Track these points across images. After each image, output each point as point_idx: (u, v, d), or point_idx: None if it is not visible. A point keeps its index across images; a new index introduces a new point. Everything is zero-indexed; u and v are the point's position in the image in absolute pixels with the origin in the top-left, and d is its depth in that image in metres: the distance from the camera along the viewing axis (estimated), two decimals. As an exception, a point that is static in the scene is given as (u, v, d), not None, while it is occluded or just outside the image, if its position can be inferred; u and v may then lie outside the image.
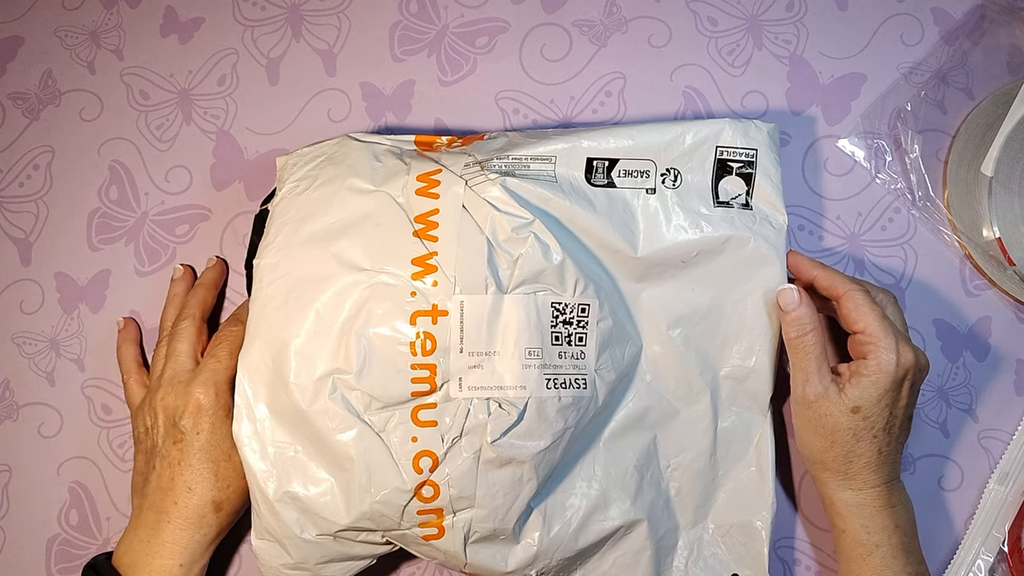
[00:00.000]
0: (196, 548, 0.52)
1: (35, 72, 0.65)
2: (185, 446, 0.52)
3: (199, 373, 0.53)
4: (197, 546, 0.52)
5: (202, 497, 0.51)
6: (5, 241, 0.63)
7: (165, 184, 0.62)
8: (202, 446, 0.52)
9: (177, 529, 0.51)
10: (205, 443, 0.52)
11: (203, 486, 0.51)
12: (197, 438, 0.51)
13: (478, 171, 0.51)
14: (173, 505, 0.51)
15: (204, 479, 0.51)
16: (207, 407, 0.52)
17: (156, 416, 0.53)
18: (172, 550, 0.51)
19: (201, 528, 0.52)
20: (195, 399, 0.52)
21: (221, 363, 0.53)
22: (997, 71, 0.60)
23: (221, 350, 0.53)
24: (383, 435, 0.49)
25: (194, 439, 0.51)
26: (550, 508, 0.51)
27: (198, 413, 0.52)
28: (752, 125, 0.53)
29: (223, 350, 0.53)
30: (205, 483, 0.51)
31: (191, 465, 0.51)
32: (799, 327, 0.50)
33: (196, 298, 0.57)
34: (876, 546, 0.49)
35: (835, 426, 0.49)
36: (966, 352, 0.58)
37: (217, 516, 0.52)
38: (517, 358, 0.49)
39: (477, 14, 0.63)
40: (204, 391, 0.52)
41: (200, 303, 0.57)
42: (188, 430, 0.51)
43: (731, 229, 0.52)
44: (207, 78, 0.63)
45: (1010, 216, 0.56)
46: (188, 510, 0.51)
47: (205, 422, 0.52)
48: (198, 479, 0.51)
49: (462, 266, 0.49)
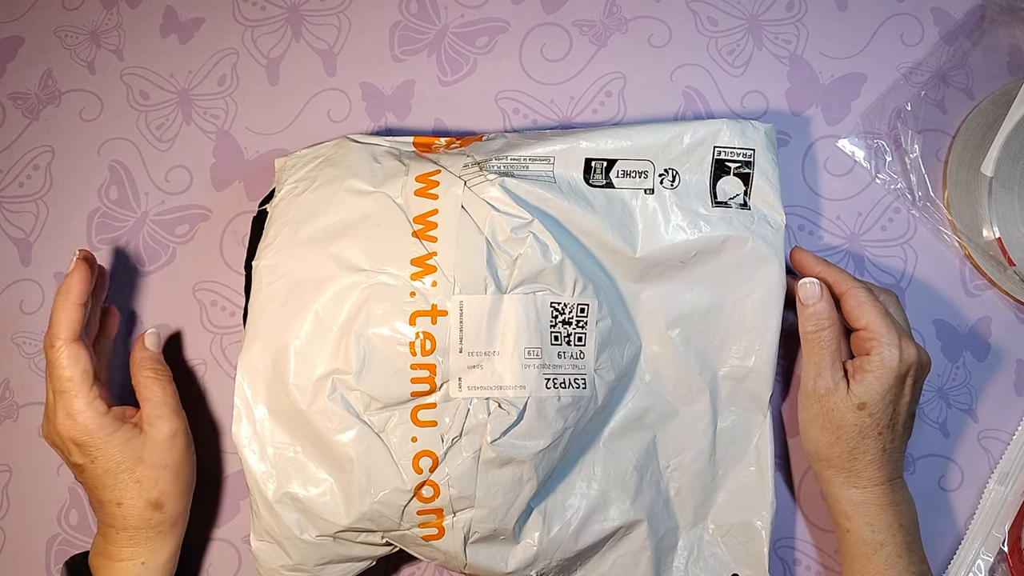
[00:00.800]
0: (153, 544, 0.52)
1: (35, 72, 0.65)
2: (90, 474, 0.51)
3: (56, 411, 0.50)
4: (154, 541, 0.52)
5: (135, 506, 0.51)
6: (5, 241, 0.63)
7: (165, 184, 0.62)
8: (105, 469, 0.50)
9: (128, 537, 0.51)
10: (107, 465, 0.50)
11: (129, 496, 0.51)
12: (95, 465, 0.50)
13: (477, 172, 0.51)
14: (112, 518, 0.51)
15: (126, 490, 0.51)
16: (81, 439, 0.50)
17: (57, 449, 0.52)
18: (129, 552, 0.51)
19: (151, 527, 0.51)
20: (68, 437, 0.50)
21: (67, 392, 0.49)
22: (997, 71, 0.60)
23: (56, 381, 0.49)
24: (383, 435, 0.49)
25: (93, 467, 0.50)
26: (550, 508, 0.51)
27: (80, 447, 0.50)
28: (749, 125, 0.53)
29: (59, 379, 0.49)
30: (129, 492, 0.51)
31: (106, 485, 0.51)
32: (817, 322, 0.50)
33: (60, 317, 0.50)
34: (881, 545, 0.49)
35: (841, 422, 0.49)
36: (966, 352, 0.58)
37: (161, 512, 0.52)
38: (516, 358, 0.49)
39: (477, 14, 0.63)
40: (71, 428, 0.50)
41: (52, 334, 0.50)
42: (84, 463, 0.50)
43: (729, 229, 0.52)
44: (207, 78, 0.63)
45: (1010, 216, 0.56)
46: (129, 519, 0.51)
47: (92, 451, 0.50)
48: (120, 493, 0.51)
49: (461, 266, 0.49)
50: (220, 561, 0.58)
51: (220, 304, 0.61)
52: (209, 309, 0.61)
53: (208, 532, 0.59)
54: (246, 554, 0.59)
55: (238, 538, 0.59)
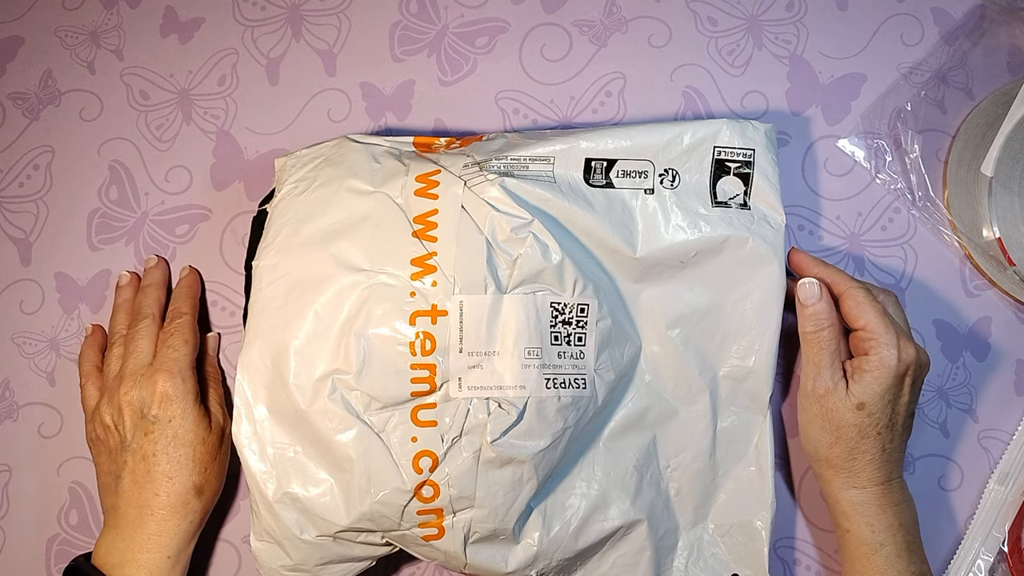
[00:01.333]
0: (182, 537, 0.52)
1: (35, 72, 0.65)
2: (158, 436, 0.51)
3: (160, 364, 0.53)
4: (183, 534, 0.52)
5: (183, 483, 0.52)
6: (5, 241, 0.63)
7: (165, 184, 0.62)
8: (175, 433, 0.52)
9: (161, 520, 0.51)
10: (178, 429, 0.52)
11: (182, 472, 0.52)
12: (169, 426, 0.51)
13: (477, 172, 0.51)
14: (155, 497, 0.51)
15: (182, 465, 0.52)
16: (174, 394, 0.52)
17: (121, 412, 0.52)
18: (158, 543, 0.51)
19: (186, 515, 0.52)
20: (161, 388, 0.52)
21: (178, 351, 0.53)
22: (997, 71, 0.60)
23: (175, 339, 0.54)
24: (383, 435, 0.49)
25: (166, 427, 0.51)
26: (550, 508, 0.51)
27: (166, 401, 0.52)
28: (749, 125, 0.53)
29: (177, 339, 0.54)
30: (184, 469, 0.52)
31: (167, 454, 0.51)
32: (816, 322, 0.50)
33: (150, 297, 0.57)
34: (881, 545, 0.49)
35: (840, 421, 0.49)
36: (966, 352, 0.58)
37: (200, 500, 0.53)
38: (516, 358, 0.49)
39: (477, 14, 0.63)
40: (169, 379, 0.52)
41: (156, 302, 0.57)
42: (159, 419, 0.51)
43: (729, 229, 0.52)
44: (207, 78, 0.63)
45: (1010, 216, 0.56)
46: (171, 499, 0.51)
47: (175, 408, 0.52)
48: (176, 467, 0.51)
49: (461, 266, 0.49)
50: (220, 561, 0.58)
51: (220, 304, 0.61)
52: (209, 309, 0.61)
53: (208, 532, 0.59)
54: (246, 554, 0.59)
55: (238, 538, 0.59)
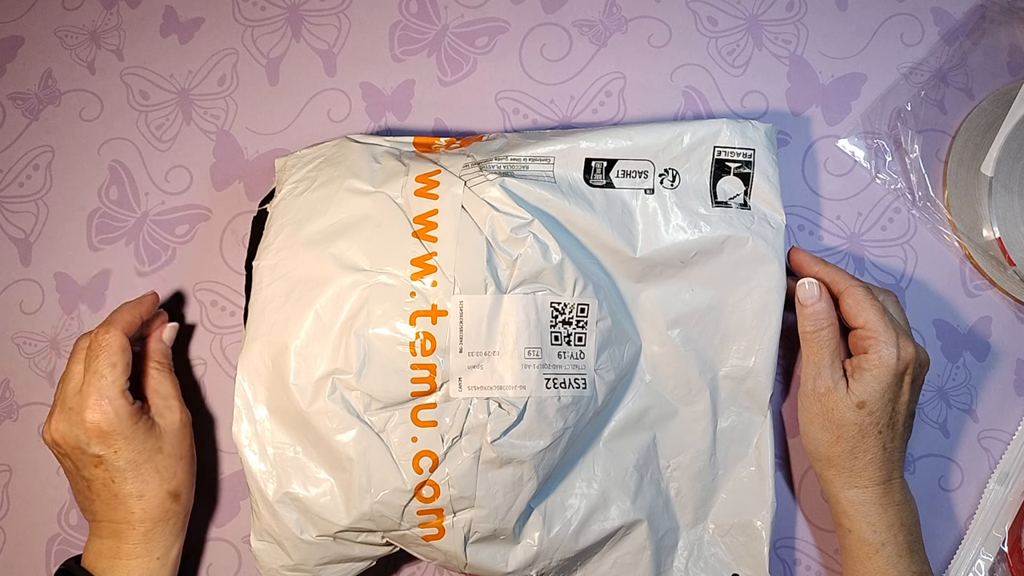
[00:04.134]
0: (168, 537, 0.52)
1: (35, 72, 0.65)
2: (109, 466, 0.50)
3: (87, 397, 0.50)
4: (169, 535, 0.52)
5: (156, 496, 0.51)
6: (5, 241, 0.63)
7: (165, 184, 0.62)
8: (128, 459, 0.50)
9: (144, 531, 0.51)
10: (130, 455, 0.50)
11: (151, 487, 0.51)
12: (118, 456, 0.50)
13: (477, 172, 0.51)
14: (130, 514, 0.51)
15: (148, 481, 0.51)
16: (108, 428, 0.50)
17: (57, 445, 0.51)
18: (145, 548, 0.51)
19: (168, 520, 0.52)
20: (91, 424, 0.49)
21: (105, 378, 0.50)
22: (997, 71, 0.60)
23: (100, 363, 0.50)
24: (383, 435, 0.49)
25: (115, 459, 0.50)
26: (550, 508, 0.51)
27: (102, 437, 0.50)
28: (749, 125, 0.53)
29: (102, 362, 0.50)
30: (151, 484, 0.51)
31: (126, 478, 0.50)
32: (816, 321, 0.50)
33: (123, 315, 0.53)
34: (882, 545, 0.50)
35: (841, 421, 0.49)
36: (966, 352, 0.58)
37: (178, 503, 0.53)
38: (517, 358, 0.49)
39: (477, 14, 0.63)
40: (97, 412, 0.49)
41: (109, 322, 0.52)
42: (104, 454, 0.50)
43: (729, 229, 0.52)
44: (207, 78, 0.63)
45: (1010, 216, 0.56)
46: (148, 512, 0.51)
47: (116, 440, 0.50)
48: (143, 484, 0.51)
49: (461, 266, 0.49)
50: (220, 561, 0.58)
51: (220, 304, 0.61)
52: (209, 309, 0.61)
53: (208, 532, 0.59)
54: (246, 554, 0.59)
55: (238, 538, 0.59)
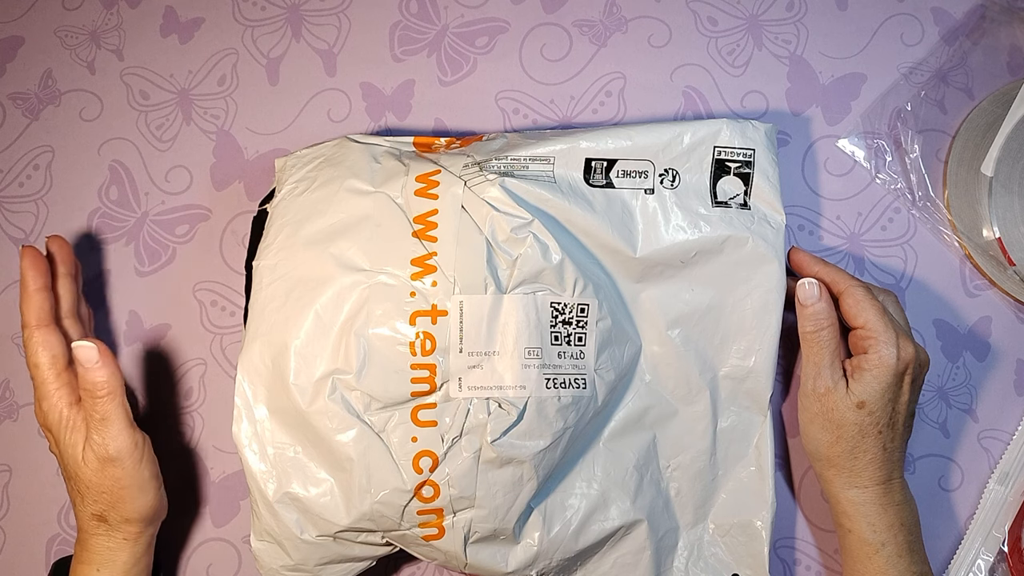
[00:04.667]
0: (105, 554, 0.52)
1: (35, 72, 0.65)
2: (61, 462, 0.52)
3: (35, 397, 0.51)
4: (106, 551, 0.52)
5: (82, 516, 0.52)
6: (5, 241, 0.63)
7: (165, 184, 0.62)
8: (64, 465, 0.52)
9: (83, 539, 0.52)
10: (60, 459, 0.52)
11: (77, 502, 0.52)
12: (59, 454, 0.52)
13: (477, 172, 0.51)
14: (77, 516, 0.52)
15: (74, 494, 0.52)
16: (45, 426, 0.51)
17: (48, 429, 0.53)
18: (87, 557, 0.52)
19: (99, 536, 0.52)
20: (41, 423, 0.52)
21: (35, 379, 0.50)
22: (997, 71, 0.60)
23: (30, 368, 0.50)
24: (383, 435, 0.49)
25: (59, 455, 0.52)
26: (550, 508, 0.51)
27: (49, 434, 0.52)
28: (749, 125, 0.53)
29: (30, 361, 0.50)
30: (76, 497, 0.51)
31: (67, 478, 0.52)
32: (816, 322, 0.50)
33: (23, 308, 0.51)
34: (882, 545, 0.50)
35: (841, 421, 0.49)
36: (966, 352, 0.58)
37: (107, 523, 0.52)
38: (517, 358, 0.49)
39: (477, 14, 0.63)
40: (40, 415, 0.51)
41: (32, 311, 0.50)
42: (54, 451, 0.52)
43: (729, 229, 0.52)
44: (207, 78, 0.63)
45: (1010, 216, 0.56)
46: (81, 522, 0.52)
47: (51, 441, 0.52)
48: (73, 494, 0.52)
49: (461, 266, 0.49)
50: (220, 561, 0.58)
51: (220, 304, 0.61)
52: (209, 309, 0.61)
53: (208, 532, 0.59)
54: (246, 554, 0.59)
55: (238, 538, 0.59)
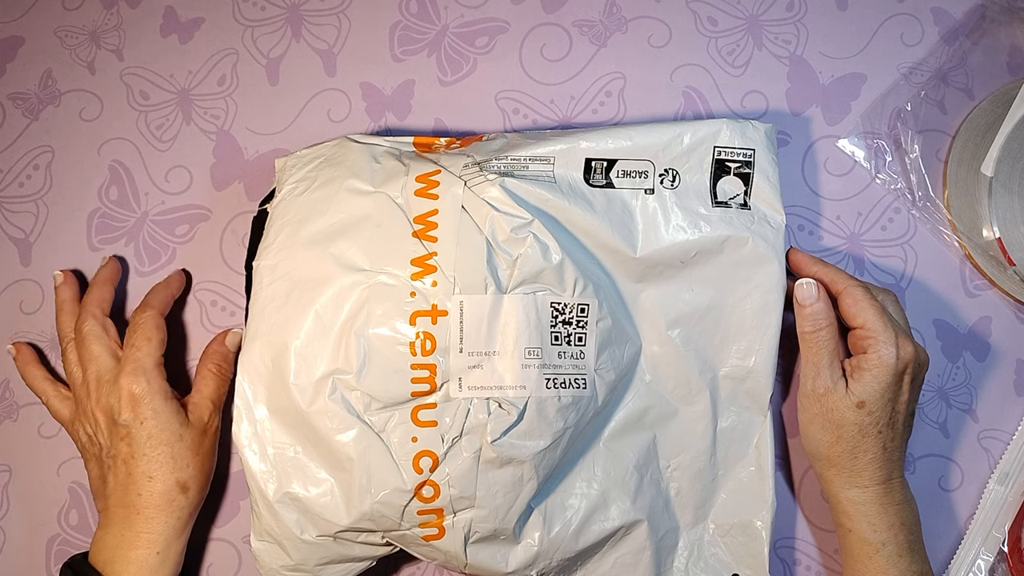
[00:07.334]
0: (170, 533, 0.52)
1: (35, 72, 0.65)
2: (133, 438, 0.52)
3: (124, 366, 0.53)
4: (171, 531, 0.52)
5: (164, 482, 0.52)
6: (5, 241, 0.63)
7: (165, 184, 0.62)
8: (149, 434, 0.52)
9: (148, 519, 0.52)
10: (152, 430, 0.52)
11: (163, 471, 0.52)
12: (142, 428, 0.52)
13: (477, 172, 0.51)
14: (137, 497, 0.52)
15: (162, 464, 0.52)
16: (141, 395, 0.52)
17: (96, 421, 0.53)
18: (147, 539, 0.52)
19: (172, 512, 0.52)
20: (127, 391, 0.52)
21: (141, 351, 0.53)
22: (997, 71, 0.60)
23: (138, 338, 0.54)
24: (383, 435, 0.49)
25: (140, 429, 0.52)
26: (550, 508, 0.51)
27: (134, 403, 0.52)
28: (749, 125, 0.53)
29: (140, 337, 0.54)
30: (164, 468, 0.52)
31: (144, 455, 0.52)
32: (814, 322, 0.50)
33: (92, 297, 0.57)
34: (882, 544, 0.50)
35: (841, 420, 0.49)
36: (966, 352, 0.58)
37: (185, 496, 0.53)
38: (517, 358, 0.49)
39: (477, 14, 0.63)
40: (134, 381, 0.52)
41: (98, 301, 0.56)
42: (131, 422, 0.52)
43: (730, 229, 0.52)
44: (207, 78, 0.63)
45: (1010, 216, 0.56)
46: (155, 497, 0.52)
47: (145, 410, 0.52)
48: (155, 466, 0.52)
49: (461, 266, 0.49)
50: (220, 561, 0.58)
51: (220, 304, 0.61)
52: (209, 309, 0.61)
53: (208, 532, 0.59)
54: (246, 554, 0.59)
55: (238, 538, 0.59)
